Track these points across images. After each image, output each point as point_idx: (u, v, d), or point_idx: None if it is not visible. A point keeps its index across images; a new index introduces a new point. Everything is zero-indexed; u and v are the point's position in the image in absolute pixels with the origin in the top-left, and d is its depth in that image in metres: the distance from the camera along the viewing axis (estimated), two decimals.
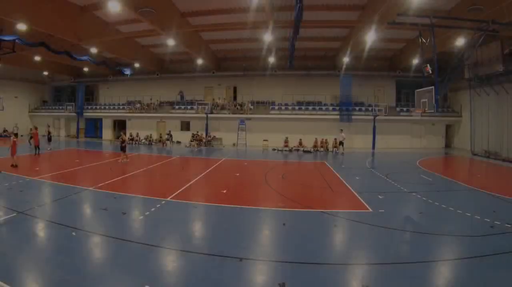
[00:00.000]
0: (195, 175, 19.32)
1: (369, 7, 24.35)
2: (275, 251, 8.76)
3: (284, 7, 24.29)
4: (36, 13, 23.89)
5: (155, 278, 6.94)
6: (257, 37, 32.55)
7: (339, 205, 13.72)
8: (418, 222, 11.51)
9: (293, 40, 25.67)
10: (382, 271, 7.50)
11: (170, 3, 25.62)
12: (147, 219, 10.98)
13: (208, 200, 13.97)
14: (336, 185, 17.03)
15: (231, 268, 7.50)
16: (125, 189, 15.41)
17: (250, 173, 21.48)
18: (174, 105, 46.51)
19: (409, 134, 39.34)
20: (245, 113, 41.54)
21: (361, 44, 30.11)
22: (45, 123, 50.47)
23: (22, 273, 7.08)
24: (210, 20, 28.67)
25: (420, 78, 28.72)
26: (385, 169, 22.80)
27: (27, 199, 12.97)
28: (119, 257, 8.00)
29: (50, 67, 47.19)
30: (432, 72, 22.85)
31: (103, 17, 28.81)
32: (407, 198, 14.92)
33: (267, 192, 15.83)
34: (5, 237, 9.14)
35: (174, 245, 8.92)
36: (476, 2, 21.71)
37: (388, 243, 9.17)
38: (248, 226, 10.46)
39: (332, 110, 40.46)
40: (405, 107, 40.61)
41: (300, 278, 7.03)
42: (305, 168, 24.16)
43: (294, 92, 42.96)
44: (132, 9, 22.57)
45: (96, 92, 54.31)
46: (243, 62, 43.94)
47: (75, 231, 9.43)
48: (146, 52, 41.13)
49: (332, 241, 9.69)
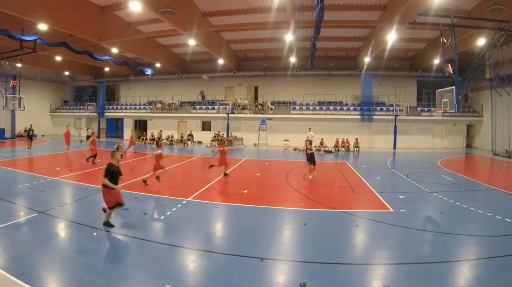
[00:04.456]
0: (216, 175, 19.19)
1: (390, 7, 24.61)
2: (296, 251, 8.79)
3: (305, 7, 25.06)
4: (57, 13, 24.37)
5: (177, 278, 7.02)
6: (278, 37, 33.30)
7: (360, 205, 13.72)
8: (439, 222, 11.53)
9: (314, 40, 25.97)
10: (402, 271, 7.56)
11: (192, 3, 25.91)
12: (168, 219, 11.11)
13: (229, 200, 14.14)
14: (357, 185, 17.06)
15: (252, 268, 7.55)
16: (146, 189, 15.42)
17: (271, 172, 21.58)
18: (195, 105, 47.36)
19: (430, 134, 39.55)
20: (266, 113, 42.08)
21: (382, 44, 30.48)
22: (66, 123, 51.46)
23: (43, 273, 7.17)
24: (231, 20, 28.85)
25: (441, 78, 28.85)
26: (406, 169, 22.81)
27: (48, 198, 13.19)
28: (140, 257, 8.09)
29: (71, 67, 48.00)
30: (453, 72, 23.17)
31: (124, 17, 29.31)
32: (428, 198, 14.87)
33: (288, 192, 15.88)
34: (26, 236, 9.27)
35: (195, 245, 8.98)
36: (497, 1, 21.84)
37: (409, 243, 9.21)
38: (269, 226, 10.44)
39: (353, 110, 40.92)
40: (426, 107, 40.88)
41: (321, 278, 7.11)
42: (326, 168, 23.95)
43: (315, 92, 43.57)
44: (153, 9, 22.92)
45: (117, 92, 55.07)
46: (264, 62, 44.63)
47: (96, 231, 9.55)
48: (167, 52, 41.71)
49: (353, 241, 9.70)
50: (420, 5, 20.99)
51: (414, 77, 42.37)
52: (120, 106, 51.58)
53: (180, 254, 8.38)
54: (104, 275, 7.01)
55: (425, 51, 36.65)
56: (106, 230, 9.59)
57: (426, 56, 36.62)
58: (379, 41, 30.00)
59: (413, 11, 21.65)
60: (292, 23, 25.38)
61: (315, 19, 21.00)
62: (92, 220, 10.52)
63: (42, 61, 41.66)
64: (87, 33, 28.29)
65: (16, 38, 27.48)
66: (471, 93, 40.15)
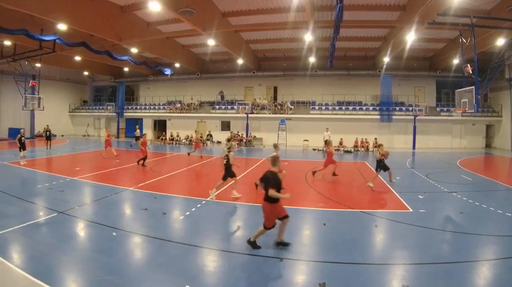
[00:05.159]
0: (236, 175, 19.45)
1: (410, 7, 24.83)
2: (316, 251, 8.84)
3: (324, 7, 25.49)
4: (77, 13, 24.71)
5: (196, 278, 7.09)
6: (298, 37, 33.76)
7: (380, 205, 13.82)
8: (459, 222, 11.57)
9: (334, 40, 26.28)
10: (422, 271, 7.56)
11: (211, 3, 26.20)
12: (188, 219, 11.20)
13: (248, 200, 14.00)
14: (376, 185, 16.84)
15: (271, 268, 7.64)
16: (165, 189, 15.71)
17: (290, 172, 21.27)
18: (214, 105, 47.91)
19: (449, 134, 39.50)
20: (285, 113, 42.48)
21: (401, 44, 30.74)
22: (85, 123, 51.97)
23: (62, 273, 7.25)
24: (251, 20, 29.09)
25: (460, 78, 28.99)
26: (425, 169, 22.76)
27: (67, 198, 13.33)
28: (160, 257, 8.15)
29: (90, 67, 48.83)
30: (472, 72, 23.20)
31: (144, 17, 29.69)
32: (448, 198, 14.85)
33: (308, 192, 15.93)
34: (45, 236, 9.36)
35: (214, 245, 9.04)
36: None
37: (429, 243, 9.23)
38: (289, 226, 10.31)
39: (373, 110, 41.18)
40: (445, 107, 41.01)
41: (340, 278, 7.17)
42: (346, 168, 23.76)
43: (334, 92, 44.00)
44: (172, 9, 23.15)
45: (136, 92, 55.84)
46: (284, 62, 45.31)
47: (115, 231, 9.67)
48: (187, 52, 42.23)
49: (373, 241, 9.70)
50: (439, 5, 21.19)
51: (434, 77, 42.41)
52: (139, 106, 52.40)
53: (199, 254, 8.42)
54: (123, 275, 7.09)
55: (445, 51, 36.80)
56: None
57: (446, 56, 36.78)
58: (398, 41, 30.18)
59: (432, 11, 21.85)
60: (311, 23, 25.63)
61: (335, 19, 21.25)
62: (111, 220, 10.81)
63: (62, 61, 42.38)
64: (107, 33, 28.70)
65: (35, 38, 27.77)
66: (491, 93, 40.04)
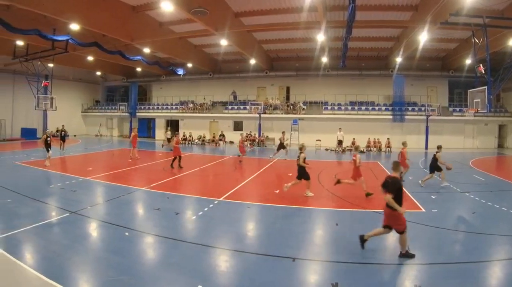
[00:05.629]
0: (248, 175, 19.96)
1: (422, 7, 24.92)
2: (328, 251, 8.98)
3: (336, 7, 25.64)
4: (89, 13, 24.81)
5: (209, 278, 7.17)
6: (310, 37, 33.86)
7: None
8: (471, 222, 11.66)
9: (346, 40, 26.39)
10: (434, 271, 7.64)
11: (224, 3, 26.33)
12: (200, 219, 11.32)
13: (261, 200, 14.21)
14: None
15: (284, 268, 7.68)
16: (178, 189, 15.99)
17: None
18: (227, 105, 48.35)
19: (462, 134, 39.54)
20: (297, 113, 42.82)
21: (413, 44, 30.88)
22: (97, 123, 52.29)
23: (75, 273, 7.31)
24: (263, 20, 29.23)
25: (473, 78, 29.06)
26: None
27: (80, 198, 13.50)
28: (172, 257, 8.26)
29: (103, 67, 49.39)
30: (484, 72, 23.14)
31: (156, 17, 29.90)
32: (460, 198, 15.07)
33: (320, 192, 16.00)
34: (58, 236, 9.47)
35: (227, 245, 9.16)
36: None
37: (441, 243, 9.39)
38: (301, 226, 10.61)
39: (385, 110, 41.44)
40: (458, 107, 41.15)
41: (353, 278, 7.24)
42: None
43: (347, 92, 44.20)
44: (185, 9, 23.19)
45: (149, 92, 56.36)
46: (296, 62, 45.67)
47: (128, 231, 9.80)
48: (199, 52, 42.59)
49: (385, 241, 9.56)
50: (451, 5, 21.28)
51: (446, 78, 42.56)
52: (152, 106, 52.93)
53: (212, 254, 8.51)
54: (136, 275, 7.17)
55: (457, 51, 36.96)
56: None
57: (458, 56, 36.88)
58: (411, 41, 30.34)
59: (445, 11, 21.89)
60: (323, 23, 25.76)
61: (347, 19, 21.34)
62: (124, 220, 10.98)
63: (74, 61, 42.77)
64: (119, 33, 28.89)
65: (48, 38, 27.92)
66: (503, 93, 40.02)
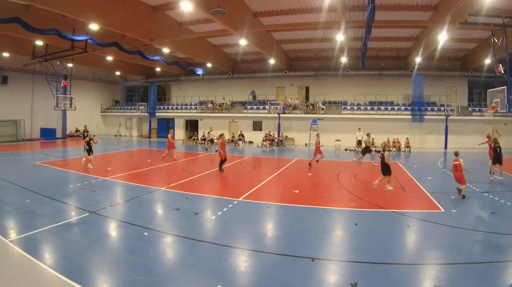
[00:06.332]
0: (267, 175, 20.06)
1: (441, 7, 24.76)
2: (347, 251, 8.98)
3: (355, 7, 25.79)
4: (109, 13, 25.06)
5: (228, 278, 7.18)
6: (329, 37, 34.09)
7: (412, 205, 13.86)
8: (490, 222, 11.58)
9: (365, 40, 26.78)
10: (454, 271, 7.65)
11: (243, 3, 26.49)
12: (220, 219, 11.38)
13: (280, 200, 14.35)
14: (408, 185, 17.32)
15: (303, 268, 7.67)
16: (197, 189, 15.98)
17: (322, 173, 21.63)
18: (246, 105, 48.84)
19: (481, 134, 38.26)
20: (317, 113, 43.07)
21: (433, 44, 30.96)
22: (117, 123, 52.69)
23: (94, 273, 7.38)
24: (282, 20, 29.32)
25: (492, 78, 29.11)
26: None
27: (99, 198, 13.67)
28: (192, 257, 8.30)
29: (122, 67, 50.34)
30: (504, 72, 23.21)
31: (175, 17, 30.10)
32: (480, 198, 14.94)
33: (339, 192, 16.16)
34: (77, 236, 9.50)
35: (246, 245, 9.20)
36: None
37: (460, 243, 9.32)
38: (320, 226, 10.72)
39: (404, 110, 41.48)
40: (477, 107, 40.97)
41: (372, 278, 7.24)
42: (378, 168, 23.82)
43: (366, 92, 44.33)
44: (204, 9, 23.32)
45: (168, 92, 57.15)
46: (315, 62, 45.93)
47: (147, 231, 9.87)
48: (218, 52, 42.95)
49: (404, 241, 9.85)
50: (471, 5, 21.35)
51: (465, 77, 42.54)
52: (171, 106, 53.57)
53: (231, 254, 8.58)
54: (155, 275, 7.21)
55: (476, 51, 36.95)
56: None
57: (477, 56, 36.86)
58: (430, 41, 30.44)
59: (464, 11, 22.04)
60: (343, 23, 25.85)
61: (366, 19, 21.57)
62: (143, 220, 11.07)
63: (93, 61, 43.44)
64: (139, 33, 29.14)
65: (67, 38, 28.33)
66: None
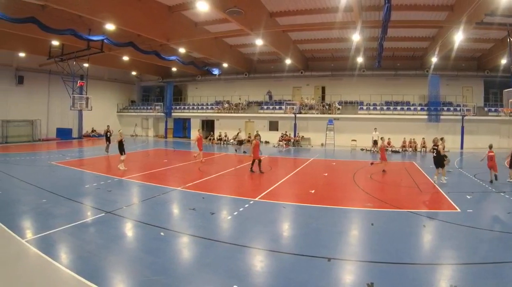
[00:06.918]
0: (284, 175, 20.36)
1: (457, 7, 24.77)
2: (363, 251, 9.04)
3: (371, 7, 25.81)
4: (125, 13, 25.20)
5: (244, 278, 7.25)
6: (345, 37, 34.09)
7: (428, 205, 14.16)
8: (506, 222, 11.71)
9: (382, 40, 27.06)
10: (470, 271, 7.70)
11: (259, 3, 26.65)
12: (236, 219, 11.52)
13: (296, 200, 14.50)
14: (424, 185, 17.48)
15: (319, 268, 7.76)
16: (213, 189, 16.29)
17: (338, 173, 22.02)
18: (262, 105, 49.35)
19: (497, 134, 39.10)
20: (333, 113, 43.40)
21: (449, 44, 30.92)
22: (133, 123, 53.05)
23: (110, 273, 7.48)
24: (299, 20, 29.48)
25: (508, 78, 29.18)
26: (473, 169, 22.80)
27: (115, 198, 13.91)
28: (208, 257, 8.36)
29: (138, 67, 51.05)
30: None
31: (192, 17, 30.35)
32: (496, 198, 15.15)
33: (355, 192, 16.39)
34: (93, 236, 9.65)
35: (262, 245, 9.31)
36: None
37: (477, 243, 9.44)
38: (336, 226, 10.87)
39: (420, 110, 41.63)
40: (493, 107, 40.80)
41: (388, 278, 7.30)
42: (394, 168, 23.76)
43: (382, 92, 44.57)
44: (220, 9, 23.53)
45: (184, 92, 57.84)
46: (331, 62, 46.36)
47: (163, 231, 9.98)
48: (234, 52, 43.50)
49: (421, 241, 9.94)
50: (487, 6, 21.38)
51: (481, 77, 42.43)
52: (187, 106, 54.26)
53: (247, 254, 8.71)
54: (171, 275, 7.31)
55: (492, 51, 36.98)
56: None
57: (493, 56, 36.85)
58: (446, 41, 30.44)
59: (480, 11, 22.11)
60: (359, 23, 25.89)
61: (382, 19, 21.98)
62: (159, 220, 11.24)
63: (109, 61, 44.06)
64: (155, 33, 29.30)
65: (83, 38, 28.69)
66: None
